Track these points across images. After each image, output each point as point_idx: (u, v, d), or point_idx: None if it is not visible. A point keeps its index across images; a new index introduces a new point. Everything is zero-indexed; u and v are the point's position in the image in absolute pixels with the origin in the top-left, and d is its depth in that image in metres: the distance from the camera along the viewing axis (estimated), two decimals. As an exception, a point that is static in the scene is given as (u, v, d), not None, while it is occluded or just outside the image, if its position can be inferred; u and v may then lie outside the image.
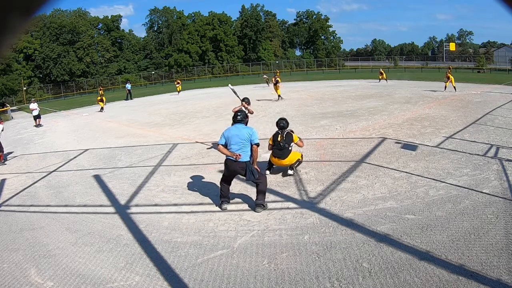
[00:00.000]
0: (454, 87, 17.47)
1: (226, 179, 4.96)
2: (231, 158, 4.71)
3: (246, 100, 7.17)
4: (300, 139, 6.18)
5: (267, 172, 6.29)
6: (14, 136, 13.66)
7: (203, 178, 6.44)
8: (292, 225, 4.35)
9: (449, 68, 19.89)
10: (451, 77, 17.65)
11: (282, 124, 6.05)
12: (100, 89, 21.95)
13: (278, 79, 18.02)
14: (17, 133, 14.70)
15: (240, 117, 4.89)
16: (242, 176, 4.90)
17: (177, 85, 26.89)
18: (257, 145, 4.78)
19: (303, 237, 4.04)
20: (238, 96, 7.84)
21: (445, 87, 17.67)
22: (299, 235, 4.09)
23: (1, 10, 0.37)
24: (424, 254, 3.49)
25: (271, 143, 6.13)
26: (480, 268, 3.19)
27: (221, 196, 5.02)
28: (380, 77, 25.85)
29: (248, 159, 4.75)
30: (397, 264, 3.37)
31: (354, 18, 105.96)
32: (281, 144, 5.92)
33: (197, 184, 6.14)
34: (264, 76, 30.11)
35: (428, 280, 3.09)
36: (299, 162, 6.31)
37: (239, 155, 4.66)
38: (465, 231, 3.89)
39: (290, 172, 6.19)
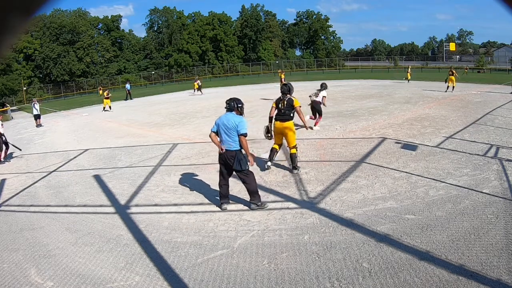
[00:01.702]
0: (448, 87, 17.69)
1: (222, 174, 4.90)
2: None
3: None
4: (300, 107, 6.38)
5: (269, 163, 6.40)
6: (14, 136, 13.63)
7: (203, 178, 6.43)
8: (292, 225, 4.35)
9: (451, 68, 19.98)
10: (454, 76, 17.74)
11: (283, 90, 6.37)
12: (100, 89, 21.92)
13: (282, 75, 18.19)
14: (17, 133, 14.69)
15: (228, 106, 4.85)
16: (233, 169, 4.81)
17: (197, 83, 25.52)
18: (244, 135, 4.68)
19: (303, 237, 4.04)
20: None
21: (453, 87, 17.70)
22: (299, 235, 4.09)
23: (1, 10, 0.37)
24: (424, 254, 3.49)
25: (274, 105, 6.38)
26: (480, 268, 3.19)
27: (220, 196, 5.01)
28: (409, 75, 25.07)
29: (238, 148, 4.71)
30: (397, 264, 3.37)
31: (354, 18, 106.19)
32: (283, 110, 6.25)
33: (197, 184, 6.14)
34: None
35: (428, 280, 3.09)
36: (295, 156, 6.29)
37: (222, 148, 4.68)
38: (465, 231, 3.89)
39: (295, 171, 6.26)
